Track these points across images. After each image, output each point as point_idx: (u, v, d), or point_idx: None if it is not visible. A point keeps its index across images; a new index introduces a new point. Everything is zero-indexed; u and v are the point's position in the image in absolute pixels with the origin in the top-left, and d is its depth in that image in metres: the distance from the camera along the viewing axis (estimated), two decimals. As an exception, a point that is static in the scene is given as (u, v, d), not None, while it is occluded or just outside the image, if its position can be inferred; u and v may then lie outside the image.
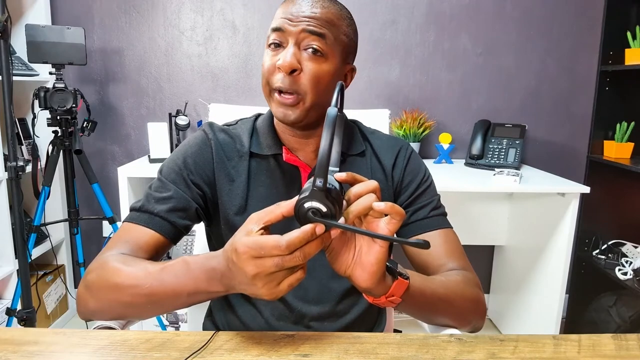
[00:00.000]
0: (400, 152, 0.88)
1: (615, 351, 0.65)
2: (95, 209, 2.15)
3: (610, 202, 2.17)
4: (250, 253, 0.53)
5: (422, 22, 2.16)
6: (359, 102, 2.18)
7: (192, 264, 0.63)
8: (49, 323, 2.10)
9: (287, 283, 0.55)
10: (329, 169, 0.54)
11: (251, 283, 0.55)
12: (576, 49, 2.18)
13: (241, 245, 0.54)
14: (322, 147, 0.54)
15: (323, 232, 0.54)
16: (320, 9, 0.74)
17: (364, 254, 0.60)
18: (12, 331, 0.69)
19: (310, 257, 0.54)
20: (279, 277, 0.55)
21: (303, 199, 0.54)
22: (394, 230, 0.58)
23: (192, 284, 0.63)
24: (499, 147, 2.05)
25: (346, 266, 0.61)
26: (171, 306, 0.68)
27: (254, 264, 0.53)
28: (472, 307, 0.76)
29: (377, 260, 0.59)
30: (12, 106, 1.39)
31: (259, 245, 0.53)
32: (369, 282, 0.60)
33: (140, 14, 2.13)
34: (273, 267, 0.53)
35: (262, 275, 0.54)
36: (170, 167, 0.81)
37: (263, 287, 0.55)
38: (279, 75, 0.73)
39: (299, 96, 0.74)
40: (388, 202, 0.57)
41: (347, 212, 0.57)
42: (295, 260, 0.53)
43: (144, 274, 0.66)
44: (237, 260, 0.55)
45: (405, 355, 0.63)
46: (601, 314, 2.01)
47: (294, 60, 0.72)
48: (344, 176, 0.60)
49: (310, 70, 0.73)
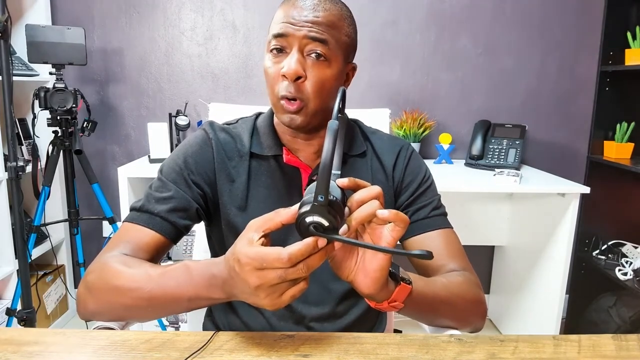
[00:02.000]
0: (401, 152, 0.88)
1: (615, 352, 0.65)
2: (95, 209, 2.15)
3: (610, 202, 2.17)
4: (252, 265, 0.53)
5: (422, 23, 2.16)
6: (360, 102, 2.18)
7: (194, 270, 0.63)
8: (49, 323, 2.10)
9: (290, 294, 0.55)
10: (331, 174, 0.54)
11: (254, 294, 0.55)
12: (576, 49, 2.18)
13: (243, 257, 0.54)
14: (324, 158, 0.53)
15: (325, 245, 0.54)
16: (322, 12, 0.73)
17: (367, 260, 0.60)
18: (12, 331, 0.69)
19: (313, 269, 0.54)
20: (282, 288, 0.54)
21: (304, 213, 0.53)
22: (397, 237, 0.58)
23: (192, 290, 0.62)
24: (499, 148, 2.05)
25: (349, 272, 0.61)
26: (171, 310, 0.68)
27: (257, 275, 0.53)
28: (473, 308, 0.76)
29: (380, 267, 0.59)
30: (12, 106, 1.40)
31: (260, 257, 0.53)
32: (372, 289, 0.60)
33: (141, 14, 2.13)
34: (276, 279, 0.53)
35: (264, 286, 0.54)
36: (170, 166, 0.81)
37: (265, 298, 0.55)
38: (284, 83, 0.73)
39: (302, 102, 0.74)
40: (392, 210, 0.56)
41: (350, 219, 0.57)
42: (299, 272, 0.53)
43: (145, 278, 0.65)
44: (240, 271, 0.54)
45: (405, 356, 0.63)
46: (601, 315, 2.01)
47: (298, 67, 0.72)
48: (346, 182, 0.59)
49: (315, 77, 0.73)
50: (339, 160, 0.65)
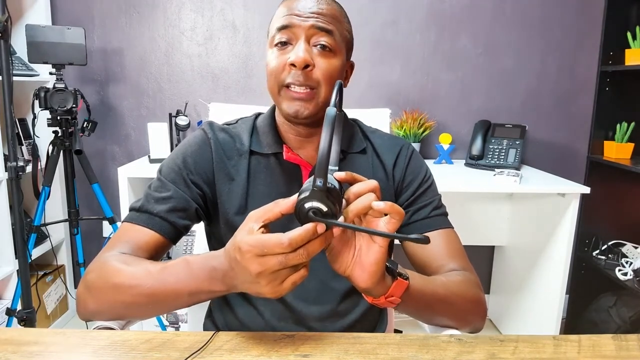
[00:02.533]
0: (402, 151, 0.88)
1: (615, 352, 0.65)
2: (95, 209, 2.15)
3: (610, 202, 2.17)
4: (253, 252, 0.53)
5: (422, 23, 2.16)
6: (360, 102, 2.18)
7: (193, 264, 0.63)
8: (49, 323, 2.10)
9: (291, 281, 0.56)
10: (328, 168, 0.55)
11: (255, 281, 0.55)
12: (576, 49, 2.18)
13: (244, 244, 0.54)
14: (322, 146, 0.54)
15: (325, 230, 0.55)
16: (326, 5, 0.75)
17: (364, 254, 0.60)
18: (12, 331, 0.69)
19: (314, 255, 0.55)
20: (283, 275, 0.55)
21: (303, 199, 0.54)
22: (393, 229, 0.58)
23: (193, 283, 0.63)
24: (499, 148, 2.05)
25: (346, 266, 0.61)
26: (172, 306, 0.68)
27: (258, 262, 0.54)
28: (473, 308, 0.76)
29: (377, 261, 0.59)
30: (12, 106, 1.40)
31: (261, 243, 0.53)
32: (368, 282, 0.60)
33: (141, 14, 2.13)
34: (277, 265, 0.53)
35: (266, 273, 0.54)
36: (170, 166, 0.81)
37: (267, 285, 0.55)
38: (292, 72, 0.74)
39: (313, 90, 0.74)
40: (387, 202, 0.57)
41: (347, 211, 0.58)
42: (299, 258, 0.54)
43: (144, 274, 0.66)
44: (241, 259, 0.55)
45: (405, 356, 0.63)
46: (601, 315, 2.01)
47: (307, 55, 0.73)
48: (344, 175, 0.60)
49: (323, 66, 0.74)
50: (336, 155, 0.66)
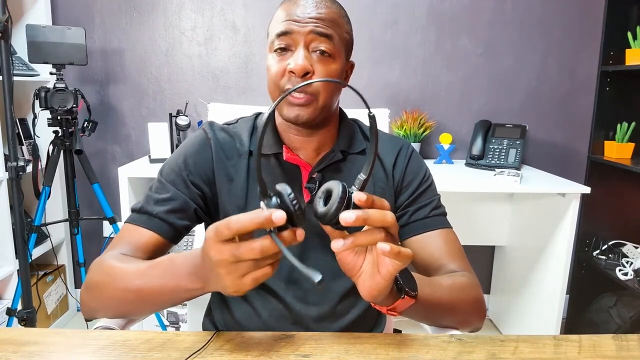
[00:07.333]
0: (401, 151, 0.88)
1: (615, 352, 0.65)
2: (95, 209, 2.15)
3: (610, 202, 2.17)
4: (213, 237, 0.53)
5: (422, 23, 2.16)
6: (359, 102, 2.17)
7: (176, 260, 0.63)
8: (49, 323, 2.10)
9: (252, 277, 0.54)
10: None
11: (215, 271, 0.54)
12: (577, 49, 2.17)
13: (209, 231, 0.53)
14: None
15: (274, 225, 0.51)
16: (325, 9, 0.74)
17: (378, 265, 0.58)
18: (13, 331, 0.69)
19: (267, 254, 0.52)
20: (242, 268, 0.53)
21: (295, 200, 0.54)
22: (394, 270, 0.57)
23: (175, 280, 0.62)
24: (500, 148, 2.05)
25: (354, 272, 0.61)
26: (157, 303, 0.68)
27: (217, 248, 0.53)
28: (474, 310, 0.76)
29: (379, 287, 0.59)
30: (12, 106, 1.40)
31: (215, 225, 0.53)
32: (369, 298, 0.60)
33: (141, 14, 2.13)
34: (229, 254, 0.52)
35: (224, 263, 0.53)
36: (170, 167, 0.81)
37: (226, 276, 0.54)
38: (290, 78, 0.74)
39: (312, 96, 0.74)
40: (394, 247, 0.54)
41: (349, 239, 0.55)
42: (251, 252, 0.51)
43: (134, 271, 0.67)
44: (205, 245, 0.55)
45: (405, 356, 0.63)
46: (601, 315, 2.01)
47: (306, 63, 0.73)
48: (364, 201, 0.55)
49: (322, 72, 0.74)
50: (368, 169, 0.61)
